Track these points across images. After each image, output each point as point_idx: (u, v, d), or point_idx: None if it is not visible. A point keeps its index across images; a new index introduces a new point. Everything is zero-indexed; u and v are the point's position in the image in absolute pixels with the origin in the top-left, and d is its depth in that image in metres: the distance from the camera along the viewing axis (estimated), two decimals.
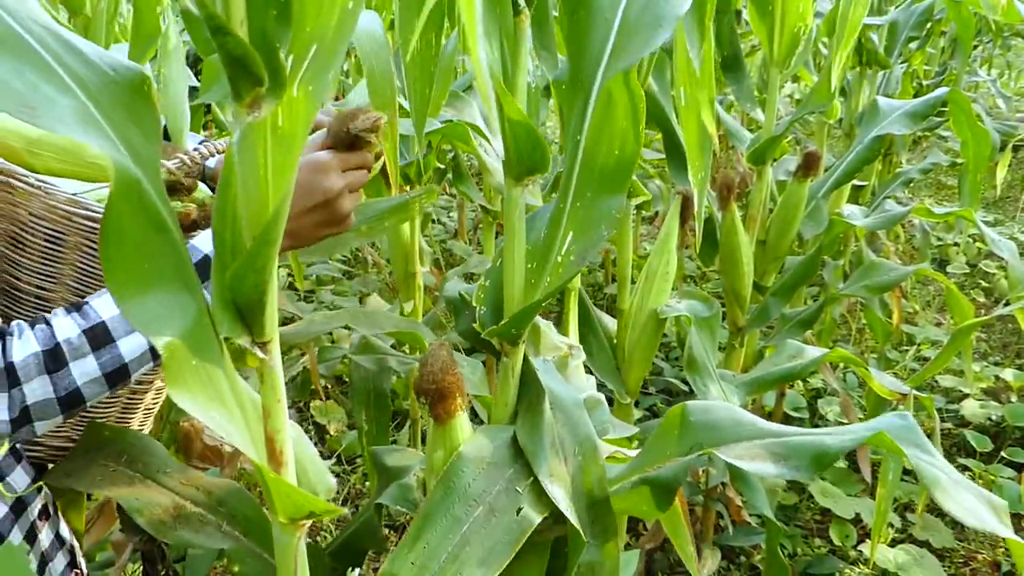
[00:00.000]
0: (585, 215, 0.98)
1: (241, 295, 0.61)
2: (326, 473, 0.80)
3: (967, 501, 0.93)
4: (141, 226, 0.55)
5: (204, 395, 0.59)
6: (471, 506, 0.96)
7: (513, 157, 0.96)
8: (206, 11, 0.50)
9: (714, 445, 1.01)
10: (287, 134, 0.57)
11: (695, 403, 1.08)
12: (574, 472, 1.02)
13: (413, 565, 0.92)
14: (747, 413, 1.08)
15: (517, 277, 1.02)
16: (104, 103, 0.55)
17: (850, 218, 2.33)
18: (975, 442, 2.83)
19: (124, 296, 0.54)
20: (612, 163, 0.96)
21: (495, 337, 1.03)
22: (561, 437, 1.05)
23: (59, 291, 0.99)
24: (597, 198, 0.97)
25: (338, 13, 0.55)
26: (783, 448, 0.98)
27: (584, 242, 0.98)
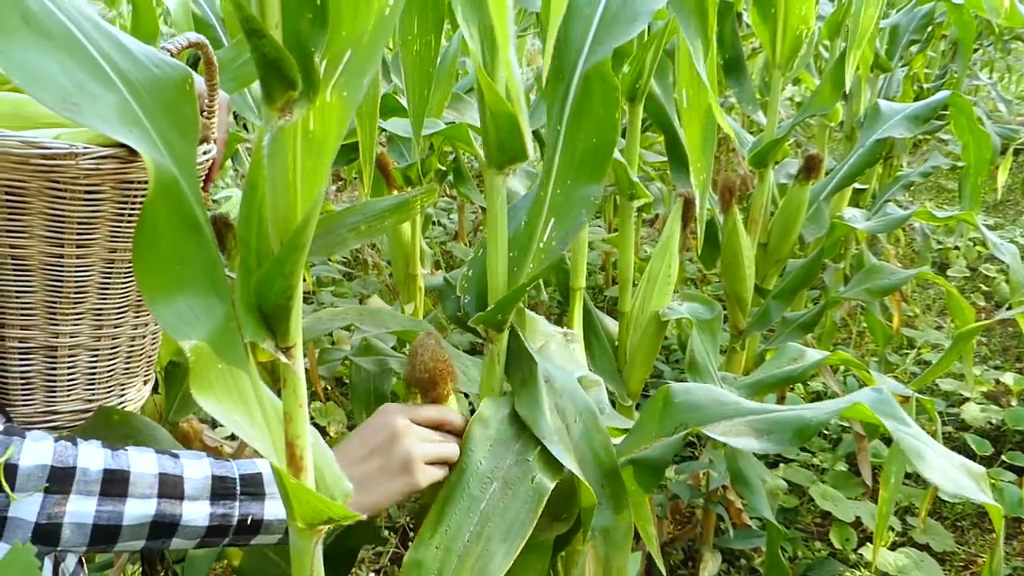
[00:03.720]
0: (565, 201, 1.01)
1: (267, 300, 0.60)
2: (343, 478, 0.80)
3: (947, 470, 0.95)
4: (175, 227, 0.54)
5: (228, 399, 0.59)
6: (486, 483, 0.98)
7: (494, 146, 0.98)
8: (243, 12, 0.50)
9: (698, 424, 1.03)
10: (319, 139, 0.57)
11: (677, 384, 1.10)
12: (578, 439, 1.04)
13: (438, 549, 0.93)
14: (726, 392, 1.10)
15: (500, 264, 1.04)
16: (146, 100, 0.55)
17: (851, 221, 2.33)
18: (976, 446, 2.82)
19: (155, 298, 0.54)
20: (590, 150, 1.00)
21: (480, 324, 1.05)
22: (560, 407, 1.08)
23: (33, 245, 0.96)
24: (577, 184, 1.01)
25: (374, 18, 0.55)
26: (765, 423, 1.00)
27: (565, 228, 1.01)
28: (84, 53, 0.52)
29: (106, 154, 0.93)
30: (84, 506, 0.79)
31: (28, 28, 0.49)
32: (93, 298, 1.02)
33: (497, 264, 1.04)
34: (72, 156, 0.91)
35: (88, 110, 0.50)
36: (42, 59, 0.49)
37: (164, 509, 0.83)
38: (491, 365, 1.10)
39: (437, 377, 1.01)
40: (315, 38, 0.53)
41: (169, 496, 0.82)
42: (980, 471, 0.99)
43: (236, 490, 0.86)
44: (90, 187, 0.94)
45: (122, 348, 1.10)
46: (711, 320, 1.80)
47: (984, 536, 2.57)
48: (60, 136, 0.93)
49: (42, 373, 1.03)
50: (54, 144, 0.91)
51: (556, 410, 1.06)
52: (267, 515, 0.88)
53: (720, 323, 1.82)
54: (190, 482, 0.84)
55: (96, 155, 0.92)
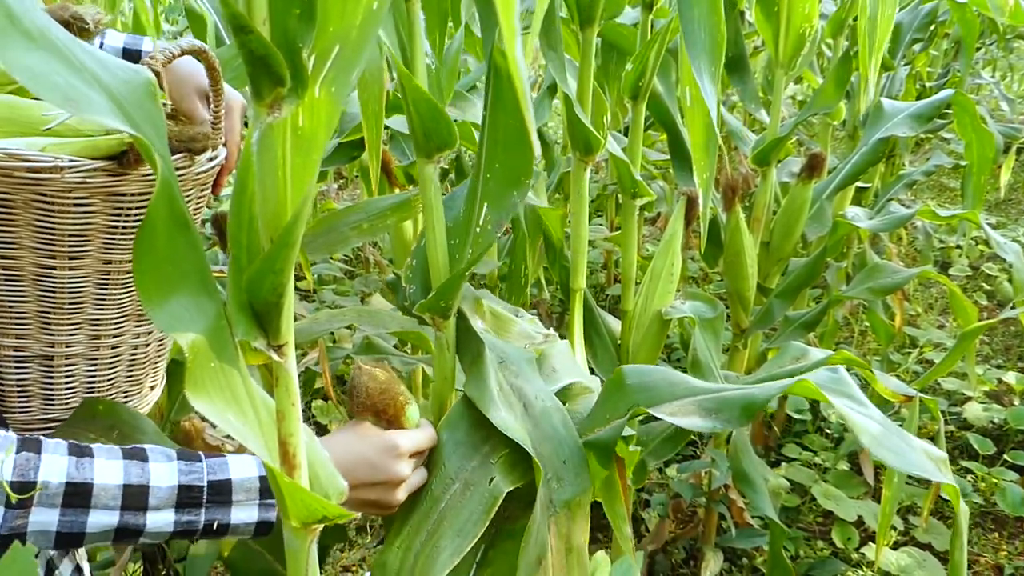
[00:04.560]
0: (496, 185, 1.04)
1: (258, 297, 0.60)
2: (337, 476, 0.79)
3: (902, 450, 0.96)
4: (169, 227, 0.55)
5: (221, 398, 0.59)
6: (448, 484, 1.01)
7: (420, 135, 1.02)
8: (229, 9, 0.49)
9: (649, 405, 1.05)
10: (308, 135, 0.57)
11: (631, 367, 1.13)
12: (539, 417, 1.07)
13: (399, 549, 0.97)
14: (681, 374, 1.12)
15: (440, 251, 1.07)
16: (123, 102, 0.55)
17: (854, 220, 2.32)
18: (978, 445, 2.82)
19: (151, 299, 0.54)
20: (512, 133, 1.01)
21: (425, 312, 1.07)
22: (517, 387, 1.10)
23: (24, 256, 0.95)
24: (504, 168, 1.03)
25: (362, 13, 0.55)
26: (713, 403, 1.02)
27: (498, 211, 1.04)
28: (67, 57, 0.52)
29: (94, 167, 0.92)
30: (47, 517, 0.79)
31: (15, 29, 0.49)
32: (89, 308, 1.01)
33: (437, 251, 1.07)
34: (57, 169, 0.89)
35: (86, 107, 0.50)
36: (33, 58, 0.49)
37: (128, 520, 0.82)
38: (440, 352, 1.12)
39: (383, 406, 1.00)
40: (303, 34, 0.53)
41: (133, 508, 0.82)
42: (940, 455, 1.01)
43: (203, 499, 0.85)
44: (79, 200, 0.93)
45: (123, 356, 1.10)
46: (713, 319, 1.79)
47: (986, 536, 2.56)
48: (48, 148, 0.92)
49: (38, 381, 1.03)
50: (38, 157, 0.90)
51: (513, 390, 1.09)
52: (233, 520, 0.87)
53: (722, 322, 1.82)
54: (156, 492, 0.83)
55: (83, 168, 0.91)
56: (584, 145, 1.49)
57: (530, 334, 1.31)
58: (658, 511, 2.45)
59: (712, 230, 2.17)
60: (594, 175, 4.45)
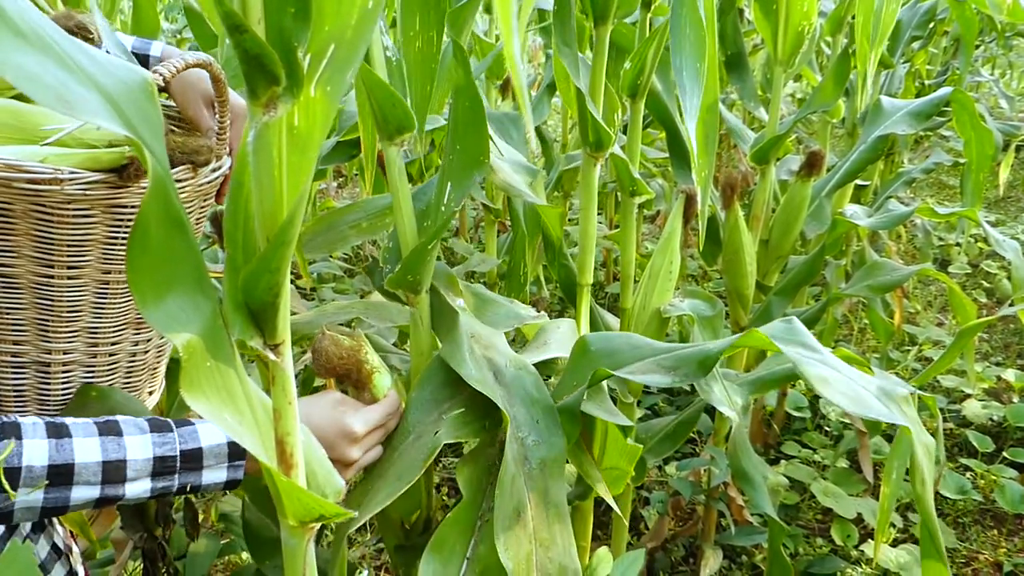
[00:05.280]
0: (458, 166, 1.13)
1: (254, 297, 0.60)
2: (334, 475, 0.80)
3: (854, 392, 0.97)
4: (164, 227, 0.54)
5: (217, 397, 0.59)
6: (406, 435, 1.09)
7: (380, 118, 1.09)
8: (224, 8, 0.49)
9: (614, 368, 1.10)
10: (303, 134, 0.57)
11: (595, 334, 1.20)
12: (510, 382, 1.13)
13: (359, 491, 1.06)
14: (645, 338, 1.18)
15: (408, 228, 1.15)
16: (119, 103, 0.54)
17: (853, 218, 2.32)
18: (977, 442, 2.82)
19: (146, 299, 0.54)
20: (467, 114, 1.11)
21: (396, 287, 1.15)
22: (488, 357, 1.16)
23: (22, 264, 0.95)
24: (463, 150, 1.12)
25: (357, 12, 0.55)
26: (672, 360, 1.09)
27: (460, 189, 1.13)
28: (60, 56, 0.52)
29: (95, 179, 0.92)
30: (32, 496, 0.83)
31: (7, 28, 0.48)
32: (87, 316, 1.01)
33: (405, 229, 1.14)
34: (57, 182, 0.90)
35: (80, 107, 0.50)
36: (25, 58, 0.49)
37: (108, 492, 0.87)
38: (415, 326, 1.19)
39: (344, 371, 1.04)
40: (298, 33, 0.53)
41: (113, 482, 0.86)
42: (902, 393, 1.02)
43: (176, 467, 0.90)
44: (79, 211, 0.93)
45: (121, 363, 1.10)
46: (712, 317, 1.79)
47: (985, 533, 2.57)
48: (49, 159, 0.92)
49: (35, 387, 1.03)
50: (38, 168, 0.90)
51: (485, 360, 1.15)
52: (204, 482, 0.92)
53: (721, 320, 1.81)
54: (132, 464, 0.88)
55: (83, 180, 0.91)
56: (595, 141, 1.49)
57: (519, 315, 1.35)
58: (657, 509, 2.45)
59: (711, 228, 2.17)
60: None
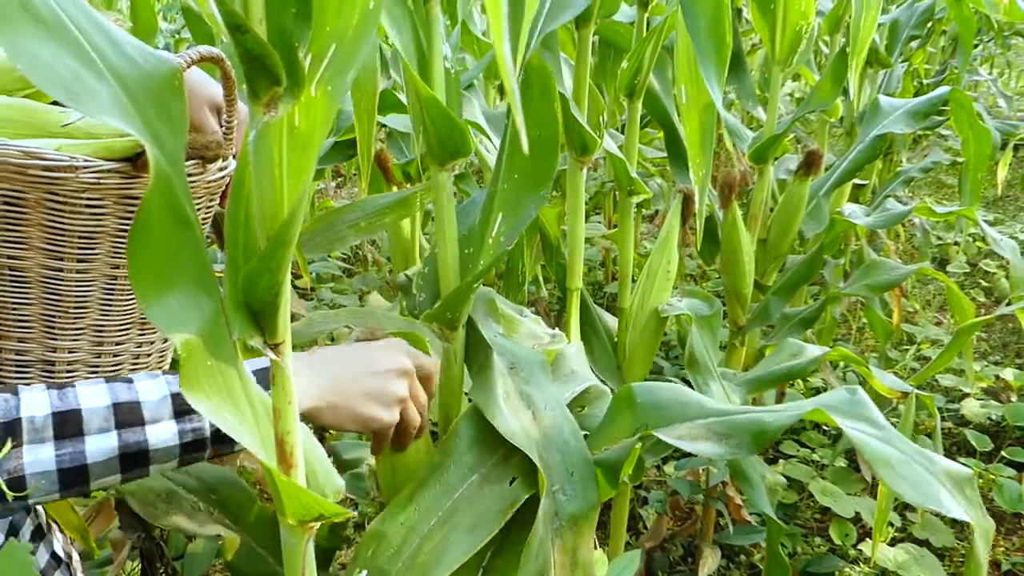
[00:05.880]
0: (513, 196, 1.02)
1: (254, 296, 0.60)
2: (334, 474, 0.80)
3: (919, 479, 0.88)
4: (168, 224, 0.54)
5: (218, 396, 0.59)
6: (466, 474, 0.99)
7: (434, 141, 0.99)
8: (225, 8, 0.49)
9: (659, 426, 1.02)
10: (304, 135, 0.57)
11: (642, 384, 1.09)
12: (548, 427, 1.03)
13: (403, 526, 0.95)
14: (693, 392, 1.09)
15: (451, 260, 1.05)
16: (137, 95, 0.54)
17: (851, 217, 2.33)
18: (975, 441, 2.82)
19: (147, 296, 0.54)
20: (534, 143, 1.00)
21: (432, 321, 1.05)
22: (526, 393, 1.07)
23: (32, 256, 0.94)
24: (524, 179, 1.02)
25: (358, 13, 0.55)
26: (724, 427, 0.99)
27: (512, 222, 1.03)
28: (76, 44, 0.51)
29: (108, 168, 0.92)
30: (41, 454, 0.75)
31: (26, 14, 0.48)
32: (94, 314, 1.01)
33: (448, 261, 1.04)
34: (72, 169, 0.89)
35: (87, 100, 0.49)
36: (40, 47, 0.49)
37: (128, 439, 0.79)
38: (448, 363, 1.09)
39: None
40: (299, 33, 0.53)
41: (129, 424, 0.79)
42: (965, 474, 0.92)
43: None
44: (91, 201, 0.93)
45: (124, 365, 1.09)
46: (711, 316, 1.79)
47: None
48: (63, 148, 0.91)
49: None
50: (54, 155, 0.89)
51: (522, 397, 1.06)
52: None
53: (720, 319, 1.82)
54: (147, 405, 0.80)
55: (97, 169, 0.91)
56: (580, 145, 1.49)
57: (537, 334, 1.30)
58: (656, 508, 2.45)
59: (709, 227, 2.17)
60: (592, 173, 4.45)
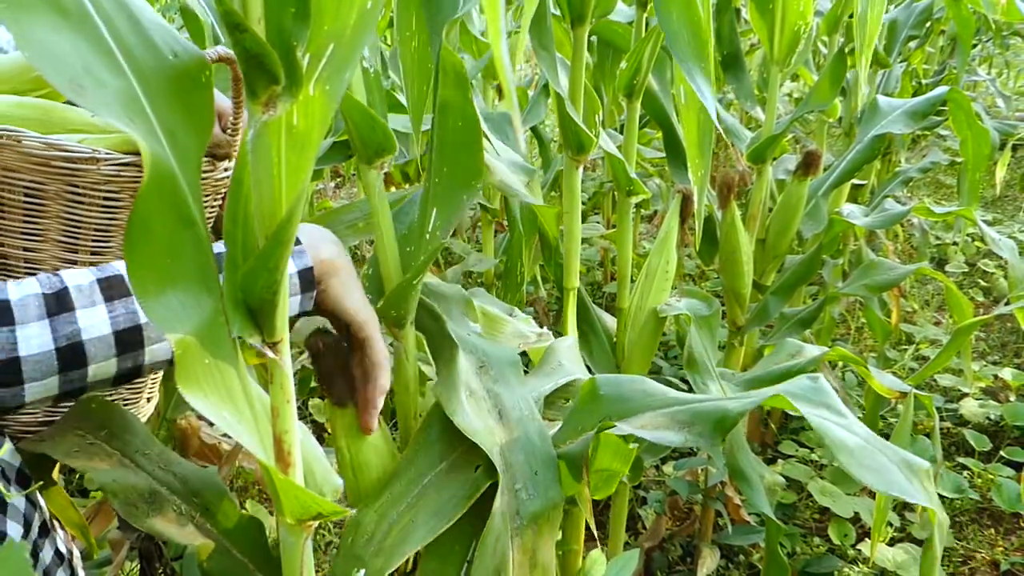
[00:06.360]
0: (445, 190, 1.02)
1: (253, 295, 0.60)
2: (332, 473, 0.80)
3: (880, 465, 0.90)
4: (169, 221, 0.54)
5: (216, 394, 0.59)
6: (435, 461, 1.00)
7: (357, 140, 0.99)
8: (224, 7, 0.50)
9: (623, 417, 1.01)
10: (302, 134, 0.57)
11: (605, 376, 1.08)
12: (514, 424, 1.03)
13: (375, 513, 0.95)
14: (659, 384, 1.07)
15: (390, 259, 1.05)
16: (155, 88, 0.54)
17: (850, 217, 2.33)
18: (974, 441, 2.83)
19: (144, 293, 0.53)
20: (458, 134, 0.99)
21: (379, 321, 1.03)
22: (494, 392, 1.07)
23: (47, 249, 0.95)
24: (453, 172, 1.01)
25: (357, 12, 0.55)
26: (687, 415, 0.98)
27: (446, 215, 1.02)
28: (96, 34, 0.51)
29: (127, 161, 0.93)
30: (95, 316, 0.75)
31: (45, 2, 0.48)
32: None
33: (387, 258, 1.04)
34: (94, 161, 0.90)
35: (92, 94, 0.49)
36: (55, 37, 0.48)
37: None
38: (400, 363, 1.09)
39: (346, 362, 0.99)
40: (298, 32, 0.53)
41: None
42: (923, 466, 0.94)
43: None
44: (108, 194, 0.94)
45: None
46: (709, 316, 1.79)
47: (983, 532, 2.57)
48: (83, 141, 0.93)
49: None
50: (76, 148, 0.90)
51: (490, 395, 1.06)
52: None
53: (718, 319, 1.82)
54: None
55: (117, 162, 0.92)
56: (576, 144, 1.49)
57: (524, 333, 1.30)
58: (655, 508, 2.45)
59: (708, 228, 2.17)
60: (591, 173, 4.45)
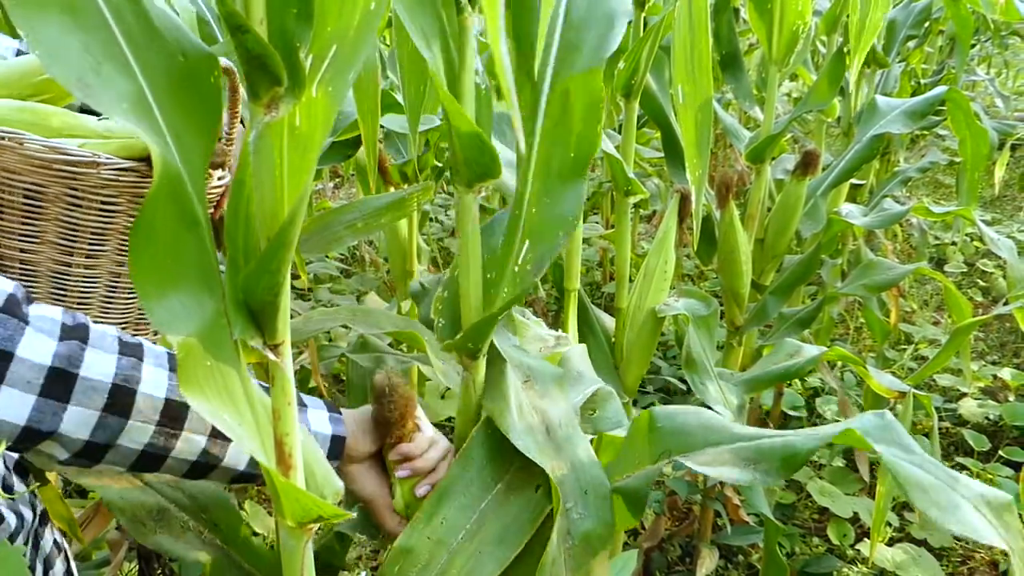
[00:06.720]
0: (541, 222, 0.95)
1: (254, 297, 0.60)
2: (333, 475, 0.79)
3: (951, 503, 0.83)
4: (173, 222, 0.54)
5: (217, 397, 0.59)
6: (489, 484, 0.96)
7: (461, 162, 0.91)
8: (226, 8, 0.49)
9: (682, 451, 0.97)
10: (305, 135, 0.57)
11: (661, 409, 1.04)
12: (562, 443, 1.00)
13: (430, 540, 0.91)
14: (716, 416, 1.04)
15: (473, 290, 0.98)
16: (162, 88, 0.53)
17: (849, 217, 2.33)
18: (973, 441, 2.83)
19: (148, 293, 0.53)
20: (567, 165, 0.93)
21: (452, 351, 1.00)
22: (540, 408, 1.04)
23: (43, 251, 0.96)
24: (553, 204, 0.94)
25: (360, 13, 0.55)
26: (752, 452, 0.93)
27: (540, 250, 0.95)
28: (107, 33, 0.51)
29: (126, 167, 0.94)
30: (158, 376, 0.76)
31: (57, 1, 0.48)
32: (95, 311, 1.02)
33: (470, 289, 0.98)
34: (94, 164, 0.91)
35: (99, 93, 0.49)
36: (65, 36, 0.48)
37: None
38: (467, 393, 1.05)
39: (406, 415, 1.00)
40: (300, 33, 0.53)
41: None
42: (1003, 500, 0.87)
43: None
44: (106, 198, 0.95)
45: None
46: (708, 316, 1.79)
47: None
48: (83, 146, 0.94)
49: None
50: (78, 151, 0.92)
51: (537, 411, 1.03)
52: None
53: (717, 319, 1.82)
54: None
55: (117, 166, 0.93)
56: None
57: (542, 337, 1.28)
58: (654, 508, 2.45)
59: (706, 227, 2.17)
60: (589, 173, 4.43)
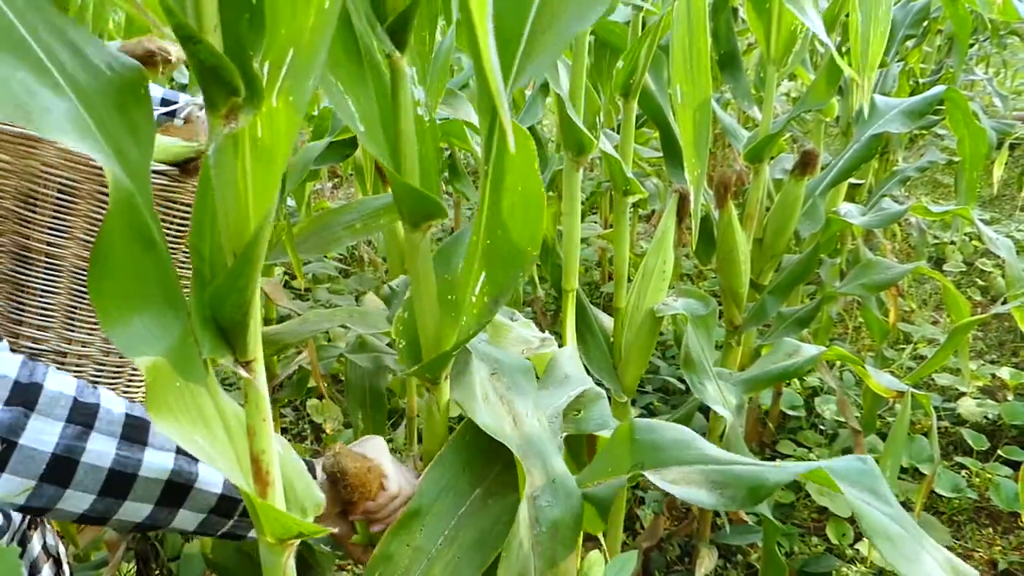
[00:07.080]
0: (496, 254, 0.92)
1: (222, 315, 0.58)
2: (314, 487, 0.78)
3: (916, 556, 0.85)
4: (130, 243, 0.52)
5: (187, 418, 0.57)
6: (466, 491, 0.97)
7: (405, 210, 0.89)
8: (175, 20, 0.47)
9: (656, 466, 0.98)
10: (268, 146, 0.54)
11: (643, 421, 1.05)
12: (527, 432, 1.00)
13: (409, 547, 0.92)
14: (696, 436, 1.04)
15: (430, 322, 0.96)
16: (97, 106, 0.52)
17: (847, 216, 2.33)
18: (972, 440, 2.83)
19: (109, 316, 0.52)
20: (518, 199, 0.88)
21: (414, 377, 1.00)
22: (507, 399, 1.04)
23: (70, 247, 0.97)
24: (507, 237, 0.90)
25: (314, 13, 0.52)
26: (722, 476, 0.94)
27: (496, 284, 0.93)
28: (34, 58, 0.49)
29: (161, 169, 0.95)
30: (105, 446, 0.75)
31: None
32: None
33: (427, 325, 0.96)
34: None
35: (41, 119, 0.48)
36: None
37: (182, 465, 0.81)
38: (431, 416, 1.05)
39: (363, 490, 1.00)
40: (254, 40, 0.51)
41: (187, 453, 0.79)
42: (968, 573, 0.88)
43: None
44: None
45: (126, 369, 1.11)
46: (706, 316, 1.79)
47: (980, 531, 2.57)
48: None
49: None
50: None
51: (503, 402, 1.03)
52: None
53: (715, 319, 1.81)
54: None
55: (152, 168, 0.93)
56: (577, 146, 1.48)
57: (527, 339, 1.28)
58: (653, 508, 2.45)
59: (705, 227, 2.16)
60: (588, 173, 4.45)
